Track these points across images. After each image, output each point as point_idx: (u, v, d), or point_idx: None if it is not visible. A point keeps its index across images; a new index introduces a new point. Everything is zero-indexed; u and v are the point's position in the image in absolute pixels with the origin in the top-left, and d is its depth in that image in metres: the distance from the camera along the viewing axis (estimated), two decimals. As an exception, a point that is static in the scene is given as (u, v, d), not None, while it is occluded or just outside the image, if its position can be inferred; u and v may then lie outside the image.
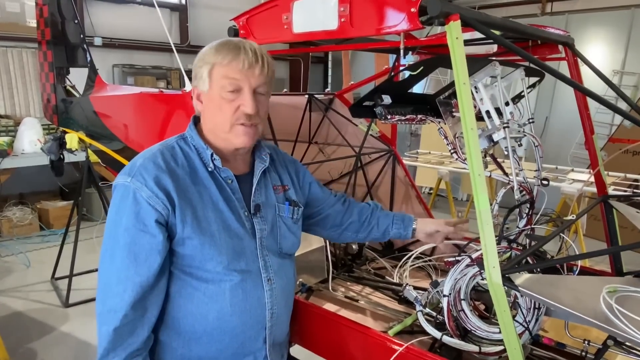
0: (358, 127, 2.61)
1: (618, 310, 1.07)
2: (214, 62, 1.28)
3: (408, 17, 1.23)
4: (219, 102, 1.30)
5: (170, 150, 1.34)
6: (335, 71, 10.12)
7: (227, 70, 1.27)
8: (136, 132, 2.77)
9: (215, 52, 1.29)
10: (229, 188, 1.35)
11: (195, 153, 1.35)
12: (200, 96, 1.35)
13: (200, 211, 1.29)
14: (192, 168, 1.33)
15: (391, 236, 1.77)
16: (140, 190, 1.23)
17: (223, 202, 1.33)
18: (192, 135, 1.38)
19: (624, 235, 1.95)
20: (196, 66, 1.33)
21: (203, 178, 1.33)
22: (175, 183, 1.27)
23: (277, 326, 1.46)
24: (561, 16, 7.23)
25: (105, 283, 1.26)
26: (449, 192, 5.38)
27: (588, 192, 4.21)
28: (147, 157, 1.30)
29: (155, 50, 8.11)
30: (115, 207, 1.27)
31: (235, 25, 1.75)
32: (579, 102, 1.94)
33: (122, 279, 1.23)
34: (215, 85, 1.29)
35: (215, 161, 1.34)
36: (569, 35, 1.92)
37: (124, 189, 1.25)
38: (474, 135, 1.18)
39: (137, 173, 1.25)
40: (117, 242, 1.24)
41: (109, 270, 1.25)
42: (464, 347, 1.50)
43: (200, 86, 1.33)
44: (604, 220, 1.95)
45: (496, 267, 1.15)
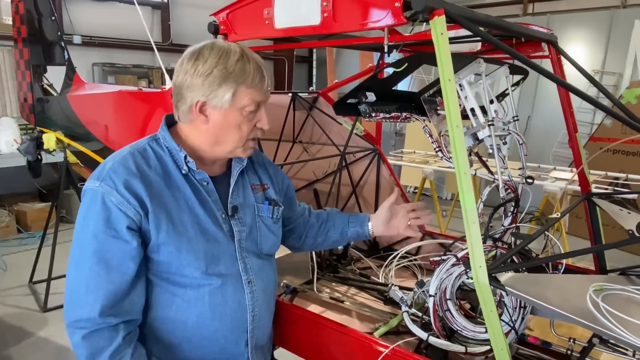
0: (342, 125, 2.58)
1: (605, 309, 1.06)
2: (240, 82, 1.22)
3: (392, 12, 1.21)
4: (239, 121, 1.26)
5: (141, 153, 1.27)
6: (319, 70, 10.11)
7: (254, 92, 1.24)
8: (115, 132, 2.70)
9: (241, 72, 1.21)
10: (205, 190, 1.31)
11: (169, 155, 1.29)
12: (206, 110, 1.25)
13: (176, 216, 1.24)
14: (165, 171, 1.27)
15: (350, 236, 1.69)
16: (110, 194, 1.17)
17: (199, 206, 1.28)
18: (165, 137, 1.31)
19: (605, 233, 1.96)
20: (210, 79, 1.21)
21: (177, 181, 1.27)
22: (148, 187, 1.21)
23: (259, 329, 1.43)
24: (543, 17, 7.32)
25: (73, 292, 1.20)
26: (434, 191, 5.39)
27: (570, 190, 4.26)
28: (117, 160, 1.24)
29: (137, 48, 7.98)
30: (83, 213, 1.21)
31: (216, 20, 1.71)
32: (562, 100, 1.94)
33: (91, 287, 1.17)
34: (238, 105, 1.24)
35: (189, 164, 1.28)
36: (553, 34, 1.92)
37: (92, 193, 1.20)
38: (459, 133, 1.16)
39: (107, 177, 1.20)
40: (84, 249, 1.18)
41: (76, 279, 1.19)
42: (450, 347, 1.48)
43: (213, 101, 1.23)
44: (588, 218, 1.96)
45: (483, 266, 1.13)
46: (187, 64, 1.23)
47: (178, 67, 1.26)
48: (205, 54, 1.22)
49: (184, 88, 1.24)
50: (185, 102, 1.25)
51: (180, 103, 1.27)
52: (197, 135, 1.30)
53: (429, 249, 2.49)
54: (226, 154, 1.33)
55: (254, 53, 1.28)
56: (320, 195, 2.97)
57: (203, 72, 1.20)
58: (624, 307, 1.11)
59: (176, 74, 1.27)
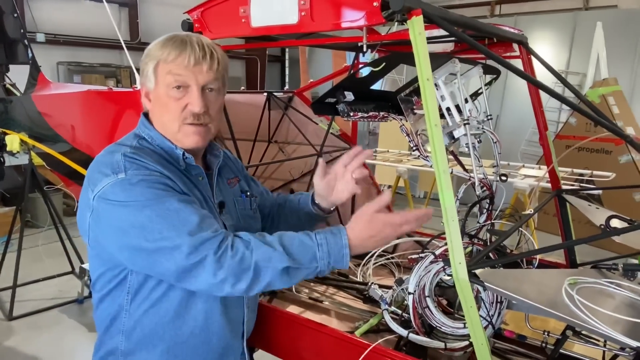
0: (318, 125, 2.57)
1: (579, 301, 1.09)
2: (159, 58, 1.21)
3: (370, 11, 1.21)
4: (165, 100, 1.22)
5: (140, 150, 1.22)
6: (292, 70, 10.08)
7: (172, 66, 1.20)
8: (84, 133, 2.62)
9: (160, 48, 1.21)
10: (201, 185, 1.30)
11: (162, 152, 1.26)
12: (148, 94, 1.28)
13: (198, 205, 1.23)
14: (169, 168, 1.23)
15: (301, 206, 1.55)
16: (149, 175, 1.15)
17: (209, 201, 1.30)
18: (152, 135, 1.27)
19: (574, 228, 2.02)
20: (142, 62, 1.26)
21: (183, 177, 1.25)
22: (172, 175, 1.20)
23: (250, 321, 1.47)
24: (510, 18, 7.52)
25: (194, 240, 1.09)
26: (408, 189, 5.46)
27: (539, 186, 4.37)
28: (127, 153, 1.18)
29: (104, 47, 7.78)
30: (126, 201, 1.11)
31: (190, 18, 1.67)
32: (533, 99, 1.99)
33: (207, 224, 1.13)
34: (161, 83, 1.22)
35: (187, 160, 1.26)
36: (523, 34, 1.97)
37: (120, 185, 1.12)
38: (438, 131, 1.17)
39: (129, 165, 1.15)
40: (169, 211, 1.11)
41: (187, 231, 1.10)
42: (430, 344, 1.50)
43: (146, 83, 1.26)
44: (558, 214, 2.02)
45: (462, 263, 1.15)
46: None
47: None
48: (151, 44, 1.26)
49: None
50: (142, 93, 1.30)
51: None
52: (155, 124, 1.30)
53: (405, 246, 2.51)
54: (176, 138, 1.27)
55: (202, 37, 1.26)
56: (296, 195, 2.96)
57: (142, 58, 1.25)
58: (598, 299, 1.15)
59: None
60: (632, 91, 6.19)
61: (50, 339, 3.65)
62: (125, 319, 1.26)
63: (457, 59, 1.57)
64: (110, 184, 1.13)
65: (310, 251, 1.16)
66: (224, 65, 1.27)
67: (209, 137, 1.32)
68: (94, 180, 1.16)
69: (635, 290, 1.26)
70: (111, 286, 1.26)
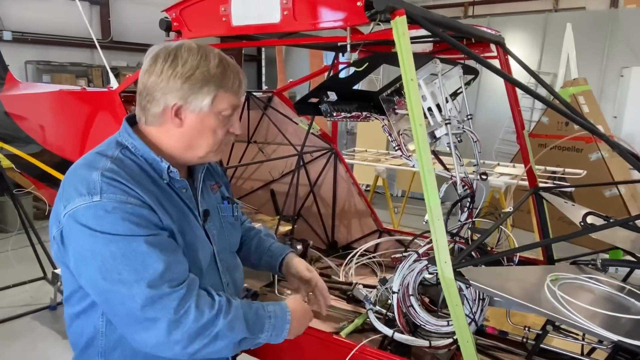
0: (298, 125, 2.56)
1: (562, 297, 1.12)
2: (221, 87, 1.17)
3: (354, 11, 1.20)
4: (215, 125, 1.19)
5: (121, 163, 1.15)
6: (269, 69, 10.02)
7: (232, 97, 1.20)
8: (56, 134, 2.53)
9: (222, 76, 1.17)
10: (185, 197, 1.25)
11: (146, 164, 1.20)
12: (181, 113, 1.17)
13: (178, 223, 1.18)
14: (152, 180, 1.18)
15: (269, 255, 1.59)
16: (126, 200, 1.07)
17: (188, 212, 1.24)
18: (136, 145, 1.20)
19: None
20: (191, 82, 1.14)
21: (165, 190, 1.20)
22: (150, 197, 1.12)
23: None
24: (483, 19, 7.64)
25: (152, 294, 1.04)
26: (387, 188, 5.48)
27: (514, 184, 4.47)
28: (106, 169, 1.11)
29: (74, 45, 7.56)
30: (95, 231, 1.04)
31: (168, 17, 1.64)
32: (510, 99, 2.03)
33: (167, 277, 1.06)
34: (216, 110, 1.18)
35: (171, 173, 1.21)
36: (500, 35, 2.01)
37: (93, 209, 1.05)
38: (422, 131, 1.18)
39: (106, 187, 1.07)
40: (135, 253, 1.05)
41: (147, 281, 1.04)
42: (415, 342, 1.51)
43: (192, 105, 1.16)
44: (536, 211, 2.06)
45: (448, 262, 1.16)
46: (161, 65, 1.15)
47: (149, 67, 1.17)
48: (184, 55, 1.15)
49: (158, 90, 1.15)
50: (159, 105, 1.17)
51: (151, 105, 1.18)
52: (167, 139, 1.22)
53: (386, 246, 2.53)
54: (197, 159, 1.26)
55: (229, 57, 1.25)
56: (277, 196, 2.94)
57: (183, 73, 1.14)
58: (579, 294, 1.18)
59: (147, 74, 1.17)
60: (600, 91, 6.39)
61: (23, 347, 3.52)
62: (102, 341, 1.20)
63: (438, 59, 1.58)
64: (83, 206, 1.06)
65: (261, 322, 1.20)
66: None
67: None
68: (67, 196, 1.10)
69: (613, 285, 1.29)
70: (85, 304, 1.20)
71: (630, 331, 1.10)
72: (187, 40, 1.22)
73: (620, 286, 1.32)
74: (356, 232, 2.68)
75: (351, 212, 2.69)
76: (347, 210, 2.70)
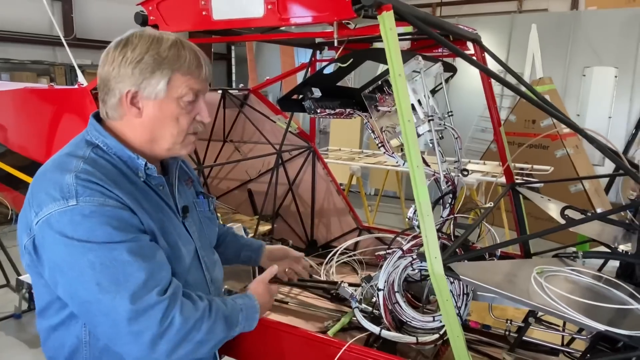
0: (276, 123, 2.53)
1: (548, 289, 1.13)
2: (176, 69, 1.11)
3: (341, 5, 1.19)
4: (176, 112, 1.13)
5: (94, 163, 1.09)
6: (239, 68, 9.91)
7: (191, 80, 1.13)
8: (23, 134, 2.41)
9: (176, 57, 1.11)
10: (162, 195, 1.21)
11: (120, 162, 1.14)
12: (138, 102, 1.12)
13: (159, 223, 1.14)
14: (128, 179, 1.13)
15: (242, 259, 1.72)
16: (104, 202, 1.02)
17: (167, 210, 1.20)
18: (108, 143, 1.15)
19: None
20: (141, 66, 1.09)
21: (142, 188, 1.15)
22: (128, 197, 1.07)
23: None
24: (451, 19, 7.79)
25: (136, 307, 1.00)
26: (361, 187, 5.52)
27: (484, 181, 4.57)
28: (80, 171, 1.05)
29: (35, 43, 7.26)
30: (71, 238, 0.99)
31: (144, 10, 1.58)
32: (487, 97, 2.06)
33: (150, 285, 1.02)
34: (174, 94, 1.12)
35: (148, 170, 1.16)
36: (477, 33, 2.03)
37: (69, 215, 0.99)
38: (411, 127, 1.17)
39: (82, 189, 1.01)
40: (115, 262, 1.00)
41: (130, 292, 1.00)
42: (402, 339, 1.50)
43: (146, 91, 1.11)
44: (513, 206, 2.10)
45: (438, 257, 1.16)
46: (113, 53, 1.11)
47: (103, 58, 1.14)
48: (134, 41, 1.11)
49: (111, 79, 1.11)
50: (114, 95, 1.12)
51: (108, 97, 1.13)
52: (131, 132, 1.16)
53: (366, 243, 2.53)
54: (164, 152, 1.20)
55: (188, 41, 1.19)
56: (255, 195, 2.90)
57: (132, 59, 1.09)
58: (564, 286, 1.20)
59: (101, 65, 1.14)
60: (564, 89, 6.62)
61: (-15, 359, 3.35)
62: (86, 351, 1.14)
63: (420, 56, 1.58)
64: (57, 212, 1.00)
65: (236, 317, 1.23)
66: None
67: None
68: (39, 202, 1.03)
69: (593, 276, 1.33)
70: (64, 316, 1.13)
71: (612, 320, 1.13)
72: (144, 28, 1.18)
73: (599, 277, 1.35)
74: (336, 231, 2.67)
75: (330, 211, 2.68)
76: (326, 208, 2.69)
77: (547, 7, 7.78)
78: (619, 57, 6.31)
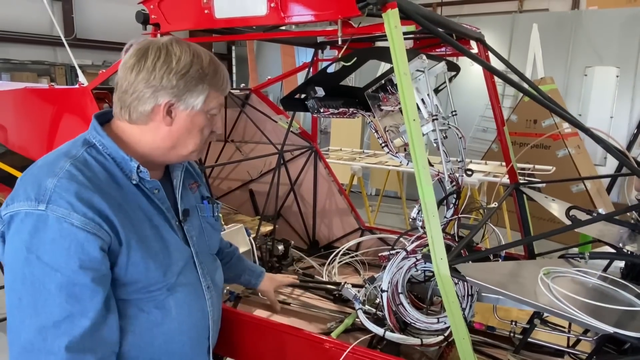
0: (277, 123, 2.51)
1: (557, 290, 1.12)
2: (213, 85, 1.15)
3: (345, 3, 1.17)
4: (203, 125, 1.19)
5: (84, 164, 1.08)
6: (239, 68, 9.90)
7: (221, 96, 1.20)
8: (24, 135, 2.40)
9: (214, 74, 1.15)
10: (157, 199, 1.19)
11: (113, 163, 1.13)
12: (172, 112, 1.13)
13: (140, 231, 1.11)
14: (115, 182, 1.12)
15: (241, 281, 1.78)
16: (69, 217, 0.99)
17: (157, 216, 1.17)
18: (104, 143, 1.14)
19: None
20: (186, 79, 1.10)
21: (131, 192, 1.14)
22: (109, 203, 1.05)
23: (215, 333, 1.39)
24: (452, 19, 7.76)
25: (36, 341, 0.98)
26: (362, 187, 5.50)
27: (486, 181, 4.55)
28: (63, 177, 1.03)
29: (35, 43, 7.25)
30: (24, 244, 0.99)
31: (145, 9, 1.57)
32: (491, 95, 2.04)
33: (64, 329, 0.99)
34: (206, 108, 1.17)
35: (141, 173, 1.15)
36: (480, 32, 2.02)
37: (35, 219, 0.99)
38: (416, 126, 1.16)
39: (55, 197, 1.00)
40: (43, 287, 0.98)
41: (39, 325, 0.98)
42: (406, 341, 1.49)
43: (185, 102, 1.13)
44: (516, 206, 2.08)
45: (444, 258, 1.14)
46: (153, 60, 1.09)
47: (136, 62, 1.11)
48: (176, 51, 1.11)
49: (149, 87, 1.10)
50: (148, 102, 1.11)
51: (139, 103, 1.12)
52: (152, 137, 1.16)
53: (368, 244, 2.51)
54: (179, 158, 1.23)
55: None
56: (256, 196, 2.89)
57: (178, 70, 1.10)
58: (572, 287, 1.18)
59: (134, 70, 1.11)
60: (565, 89, 6.60)
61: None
62: None
63: (424, 55, 1.57)
64: (25, 212, 1.00)
65: None
66: None
67: None
68: (15, 195, 1.03)
69: (601, 277, 1.31)
70: None
71: (619, 321, 1.11)
72: (169, 37, 1.17)
73: (605, 277, 1.34)
74: (338, 231, 2.65)
75: (332, 211, 2.67)
76: (328, 208, 2.67)
77: (548, 7, 7.75)
78: (621, 57, 6.29)
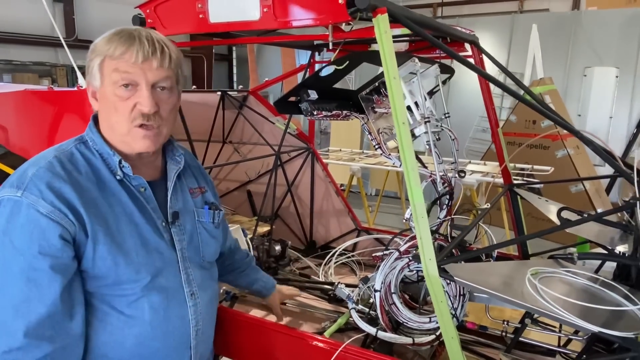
0: (275, 125, 2.54)
1: (543, 291, 1.14)
2: (105, 54, 1.13)
3: (335, 8, 1.19)
4: (112, 99, 1.14)
5: (69, 158, 1.14)
6: (240, 69, 9.93)
7: (118, 63, 1.12)
8: (23, 136, 2.43)
9: (106, 43, 1.13)
10: (142, 197, 1.20)
11: (100, 159, 1.17)
12: (94, 93, 1.19)
13: (114, 225, 1.12)
14: (98, 177, 1.15)
15: (253, 289, 1.78)
16: (36, 204, 1.04)
17: (138, 214, 1.18)
18: (94, 139, 1.18)
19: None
20: (87, 59, 1.16)
21: (112, 188, 1.16)
22: (80, 195, 1.08)
23: (202, 343, 1.34)
24: (452, 19, 7.78)
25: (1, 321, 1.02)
26: (362, 187, 5.52)
27: (485, 181, 4.57)
28: (42, 166, 1.09)
29: (37, 44, 7.28)
30: (1, 227, 1.05)
31: (142, 13, 1.59)
32: (485, 97, 2.06)
33: (22, 312, 1.02)
34: (107, 81, 1.13)
35: (124, 168, 1.17)
36: (474, 34, 2.04)
37: (12, 204, 1.05)
38: (406, 129, 1.18)
39: (30, 185, 1.05)
40: (8, 269, 1.03)
41: (3, 304, 1.03)
42: (398, 340, 1.51)
43: (92, 82, 1.17)
44: (510, 207, 2.10)
45: (432, 259, 1.16)
46: None
47: None
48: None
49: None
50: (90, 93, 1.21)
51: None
52: (102, 126, 1.21)
53: (365, 244, 2.53)
54: (125, 147, 1.19)
55: (152, 31, 1.19)
56: (254, 196, 2.91)
57: (88, 54, 1.17)
58: (559, 287, 1.20)
59: None
60: (565, 90, 6.61)
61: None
62: None
63: (417, 58, 1.59)
64: (7, 198, 1.06)
65: None
66: (176, 61, 1.18)
67: (161, 141, 1.23)
68: (7, 182, 1.09)
69: (589, 277, 1.33)
70: None
71: (606, 321, 1.13)
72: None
73: (594, 278, 1.36)
74: (334, 232, 2.68)
75: (329, 212, 2.69)
76: (325, 209, 2.69)
77: (548, 8, 7.77)
78: (620, 58, 6.30)
